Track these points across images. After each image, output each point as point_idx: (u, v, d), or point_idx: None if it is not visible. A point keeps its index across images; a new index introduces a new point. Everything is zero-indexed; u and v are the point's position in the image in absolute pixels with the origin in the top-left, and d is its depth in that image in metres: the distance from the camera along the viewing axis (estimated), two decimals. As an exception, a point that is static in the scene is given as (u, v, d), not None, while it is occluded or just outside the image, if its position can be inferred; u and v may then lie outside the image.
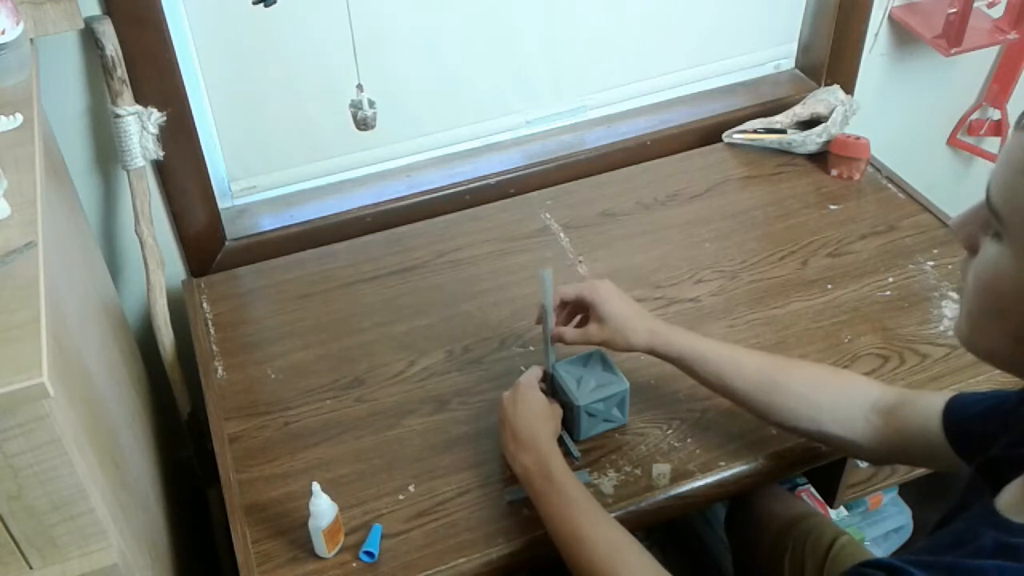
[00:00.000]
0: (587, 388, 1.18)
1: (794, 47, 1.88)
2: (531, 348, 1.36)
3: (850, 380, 1.09)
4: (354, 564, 1.10)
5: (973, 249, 0.74)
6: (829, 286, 1.45)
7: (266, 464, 1.22)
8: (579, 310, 1.21)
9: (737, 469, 1.18)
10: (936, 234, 1.54)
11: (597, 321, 1.16)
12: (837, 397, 1.06)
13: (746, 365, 1.11)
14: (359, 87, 1.20)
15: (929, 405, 0.99)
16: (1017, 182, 0.66)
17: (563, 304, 1.21)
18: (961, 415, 0.96)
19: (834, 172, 1.67)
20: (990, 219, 0.70)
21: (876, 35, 1.84)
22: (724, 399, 1.25)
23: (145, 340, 1.53)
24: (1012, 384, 1.29)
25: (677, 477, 1.17)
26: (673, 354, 1.13)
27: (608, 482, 1.17)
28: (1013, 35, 1.83)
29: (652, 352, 1.15)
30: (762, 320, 1.39)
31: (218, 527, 1.55)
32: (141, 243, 1.42)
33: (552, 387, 1.23)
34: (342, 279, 1.50)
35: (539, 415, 1.13)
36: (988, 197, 0.70)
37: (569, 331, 1.19)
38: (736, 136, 1.76)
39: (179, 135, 1.41)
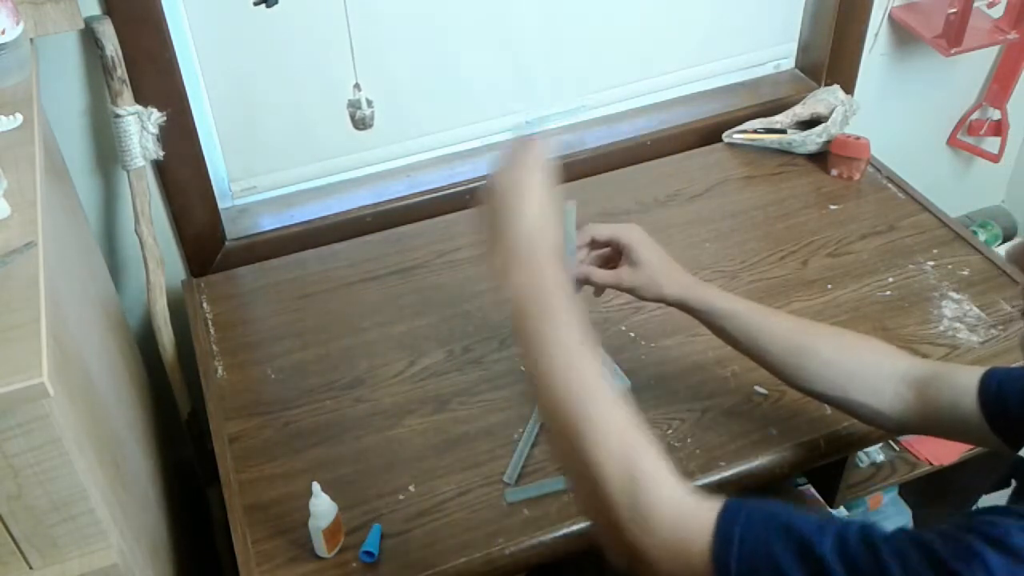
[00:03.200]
0: None
1: (794, 47, 1.88)
2: (531, 348, 1.36)
3: (880, 349, 1.07)
4: (354, 564, 1.10)
5: None
6: (829, 286, 1.45)
7: (266, 464, 1.22)
8: (607, 257, 1.15)
9: (737, 469, 1.18)
10: (936, 234, 1.54)
11: (630, 265, 1.10)
12: (866, 366, 1.04)
13: (776, 327, 1.08)
14: (356, 86, 1.20)
15: (964, 380, 0.97)
16: None
17: (593, 244, 1.14)
18: (999, 392, 0.94)
19: (834, 172, 1.67)
20: None
21: (876, 35, 1.84)
22: (726, 398, 1.26)
23: (145, 340, 1.53)
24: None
25: (677, 477, 1.17)
26: (705, 308, 1.09)
27: (608, 482, 1.16)
28: (1013, 35, 1.83)
29: (682, 305, 1.10)
30: (762, 320, 1.39)
31: (218, 527, 1.55)
32: (141, 243, 1.42)
33: None
34: (342, 279, 1.50)
35: (549, 218, 0.87)
36: None
37: (598, 271, 1.12)
38: (736, 136, 1.76)
39: (179, 135, 1.41)
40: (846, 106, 1.68)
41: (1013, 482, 0.86)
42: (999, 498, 0.87)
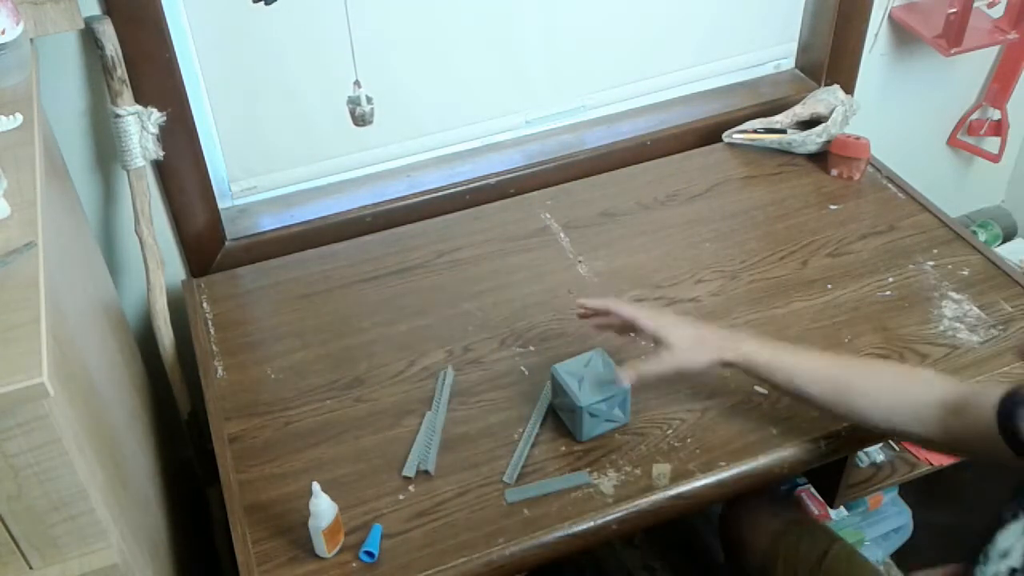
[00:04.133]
0: (588, 389, 1.18)
1: (794, 47, 1.88)
2: (531, 348, 1.36)
3: (919, 377, 1.11)
4: (354, 564, 1.10)
5: None
6: (829, 286, 1.45)
7: (266, 464, 1.22)
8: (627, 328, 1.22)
9: (737, 469, 1.18)
10: (936, 234, 1.54)
11: (666, 350, 1.15)
12: (908, 395, 1.08)
13: (819, 371, 1.13)
14: (356, 83, 1.20)
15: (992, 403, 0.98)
16: None
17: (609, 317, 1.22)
18: (1016, 410, 0.95)
19: (834, 172, 1.67)
20: None
21: (876, 35, 1.84)
22: (726, 398, 1.26)
23: (145, 340, 1.53)
24: (1021, 376, 1.29)
25: (677, 477, 1.17)
26: (743, 363, 1.15)
27: (608, 482, 1.17)
28: (1013, 35, 1.83)
29: (725, 365, 1.15)
30: (762, 320, 1.39)
31: (218, 527, 1.55)
32: (141, 243, 1.42)
33: (553, 388, 1.23)
34: (342, 279, 1.50)
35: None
36: None
37: (645, 368, 1.16)
38: (736, 136, 1.76)
39: (179, 135, 1.41)
40: (846, 106, 1.68)
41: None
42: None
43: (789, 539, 1.27)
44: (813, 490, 1.51)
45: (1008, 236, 2.28)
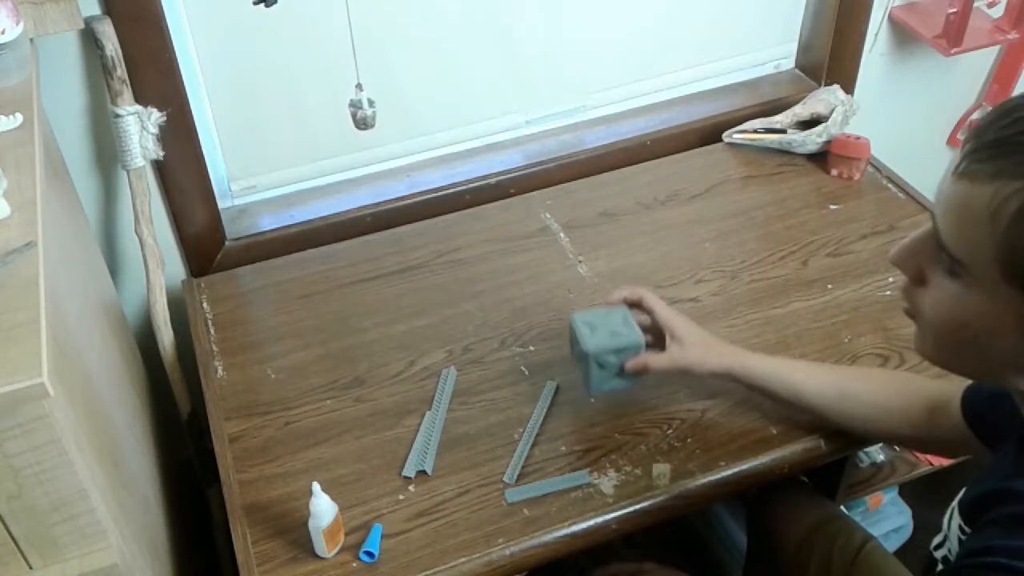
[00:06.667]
0: (600, 336, 1.17)
1: (794, 47, 1.88)
2: (531, 348, 1.36)
3: (910, 381, 1.13)
4: (354, 564, 1.10)
5: (921, 281, 0.76)
6: (829, 286, 1.45)
7: (266, 464, 1.22)
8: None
9: (737, 469, 1.18)
10: (936, 234, 1.54)
11: (678, 344, 1.17)
12: (902, 399, 1.11)
13: (815, 379, 1.16)
14: (358, 86, 1.20)
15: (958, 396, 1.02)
16: (976, 235, 0.68)
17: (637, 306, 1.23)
18: (974, 399, 0.99)
19: (834, 172, 1.67)
20: (940, 255, 0.72)
21: (876, 35, 1.84)
22: (726, 398, 1.26)
23: (145, 340, 1.53)
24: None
25: (677, 477, 1.17)
26: (746, 374, 1.17)
27: (608, 482, 1.17)
28: (1013, 35, 1.83)
29: (729, 374, 1.17)
30: (762, 320, 1.39)
31: (218, 527, 1.55)
32: (141, 243, 1.42)
33: (571, 339, 1.23)
34: (342, 279, 1.50)
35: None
36: (942, 242, 0.71)
37: (654, 359, 1.18)
38: (736, 136, 1.76)
39: (179, 135, 1.41)
40: (846, 106, 1.68)
41: None
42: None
43: (824, 535, 1.27)
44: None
45: (1008, 236, 2.28)
